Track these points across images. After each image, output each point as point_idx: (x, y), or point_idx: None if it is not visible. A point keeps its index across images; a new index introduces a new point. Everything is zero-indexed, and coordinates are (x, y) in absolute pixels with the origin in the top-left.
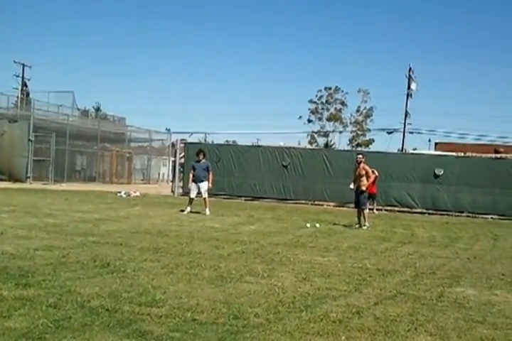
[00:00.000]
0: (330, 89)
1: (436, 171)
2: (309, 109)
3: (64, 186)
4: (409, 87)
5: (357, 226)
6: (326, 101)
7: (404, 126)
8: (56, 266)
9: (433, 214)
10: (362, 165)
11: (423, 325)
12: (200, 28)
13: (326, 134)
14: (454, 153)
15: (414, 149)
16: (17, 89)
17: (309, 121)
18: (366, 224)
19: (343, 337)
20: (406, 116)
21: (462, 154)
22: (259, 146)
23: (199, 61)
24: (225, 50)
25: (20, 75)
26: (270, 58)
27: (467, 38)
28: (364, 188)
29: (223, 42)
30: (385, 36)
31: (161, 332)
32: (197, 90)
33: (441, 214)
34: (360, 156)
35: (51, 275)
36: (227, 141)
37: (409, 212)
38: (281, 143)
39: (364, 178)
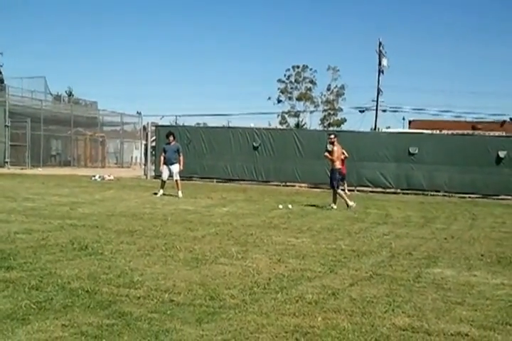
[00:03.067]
0: (298, 67)
1: (410, 149)
2: (278, 89)
3: (41, 170)
4: (380, 63)
5: (329, 206)
6: (295, 81)
7: (377, 104)
8: (36, 249)
9: (408, 193)
10: (335, 145)
11: (400, 306)
12: (168, 8)
13: (296, 114)
14: (428, 131)
15: (388, 127)
16: None
17: (279, 101)
18: (333, 205)
19: (319, 318)
20: (378, 93)
21: (437, 132)
22: (229, 128)
23: (168, 42)
24: (192, 30)
25: None
26: (238, 37)
27: (438, 11)
28: (335, 168)
29: (190, 23)
30: (352, 10)
31: (140, 313)
32: (167, 72)
33: (416, 194)
34: (332, 136)
35: (32, 258)
36: (198, 123)
37: (383, 192)
38: (252, 124)
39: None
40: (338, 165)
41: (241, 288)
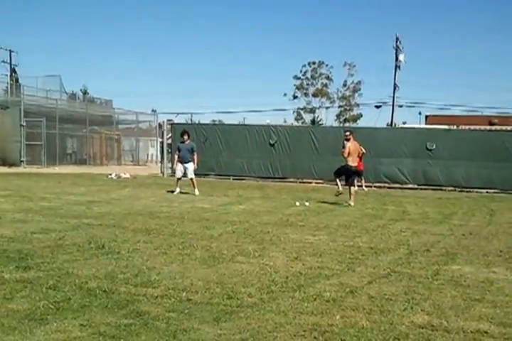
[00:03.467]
0: (314, 63)
1: (427, 145)
2: (294, 85)
3: (57, 169)
4: (397, 59)
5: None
6: (311, 77)
7: (393, 100)
8: (53, 249)
9: (425, 189)
10: (351, 141)
11: (419, 304)
12: (183, 5)
13: (312, 110)
14: (445, 126)
15: (404, 123)
16: (6, 75)
17: (295, 97)
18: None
19: (337, 317)
20: (395, 89)
21: (454, 127)
22: (245, 125)
23: (183, 40)
24: (208, 27)
25: (8, 61)
26: (254, 35)
27: (455, 5)
28: (349, 164)
29: (206, 20)
30: (369, 6)
31: (158, 313)
32: (182, 70)
33: (433, 190)
34: (348, 133)
35: (49, 258)
36: (213, 120)
37: (400, 188)
38: (268, 121)
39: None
40: (350, 161)
41: (258, 286)
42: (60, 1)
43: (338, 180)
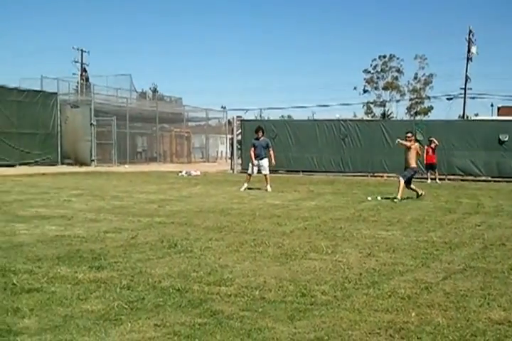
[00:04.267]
0: (384, 57)
1: (500, 137)
2: (364, 79)
3: (127, 168)
4: (469, 51)
5: (416, 198)
6: (382, 70)
7: (465, 92)
8: (126, 248)
9: (499, 181)
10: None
11: (496, 300)
12: (246, 4)
13: (382, 104)
14: None
15: (476, 115)
16: (76, 74)
17: (365, 91)
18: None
19: (413, 314)
20: (466, 81)
21: None
22: (315, 120)
23: (250, 36)
24: (275, 22)
25: (79, 61)
26: (322, 29)
27: None
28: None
29: (273, 15)
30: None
31: (232, 312)
32: (251, 66)
33: (507, 182)
34: (410, 135)
35: (122, 257)
36: (282, 116)
37: (473, 180)
38: (338, 116)
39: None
40: (414, 163)
41: (332, 283)
42: (130, 1)
43: (402, 184)
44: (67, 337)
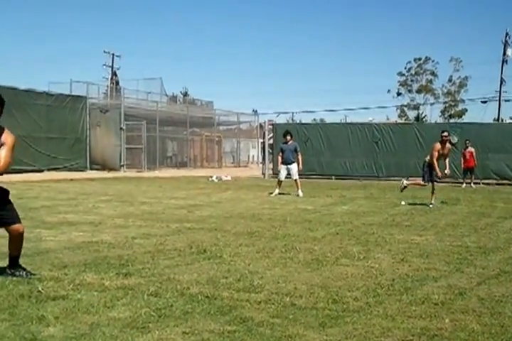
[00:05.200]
0: (419, 60)
1: None
2: (398, 82)
3: (157, 173)
4: (504, 53)
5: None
6: (416, 73)
7: (500, 95)
8: (154, 254)
9: None
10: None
11: None
12: (280, 7)
13: (416, 107)
14: None
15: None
16: (107, 78)
17: (398, 94)
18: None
19: (446, 320)
20: (501, 83)
21: None
22: (348, 124)
23: (283, 39)
24: (309, 26)
25: (110, 65)
26: (355, 32)
27: None
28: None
29: (306, 18)
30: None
31: (262, 319)
32: (283, 70)
33: None
34: (446, 134)
35: (150, 264)
36: (314, 119)
37: (509, 184)
38: (370, 119)
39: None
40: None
41: (364, 289)
42: (159, 4)
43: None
44: None
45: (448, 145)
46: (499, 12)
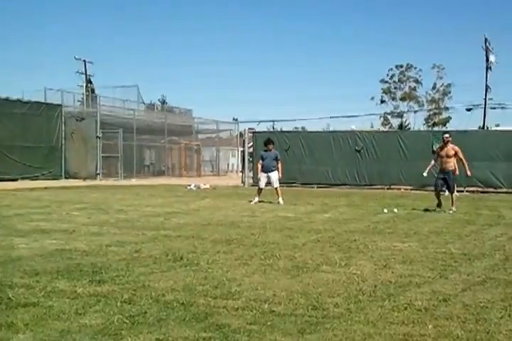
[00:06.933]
0: (402, 67)
1: None
2: (381, 89)
3: (134, 181)
4: (487, 60)
5: (438, 208)
6: (399, 80)
7: (485, 102)
8: (129, 262)
9: None
10: (451, 145)
11: None
12: (259, 13)
13: (399, 115)
14: None
15: (497, 125)
16: (81, 86)
17: (382, 101)
18: (453, 208)
19: (430, 326)
20: (486, 90)
21: None
22: (330, 132)
23: (261, 47)
24: (288, 31)
25: (83, 72)
26: (335, 39)
27: None
28: (452, 169)
29: (285, 23)
30: (456, 7)
31: (239, 325)
32: (262, 77)
33: None
34: (447, 136)
35: (124, 271)
36: (296, 127)
37: (494, 192)
38: (353, 127)
39: (452, 159)
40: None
41: (345, 296)
42: (132, 10)
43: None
44: None
45: (450, 146)
46: (480, 17)
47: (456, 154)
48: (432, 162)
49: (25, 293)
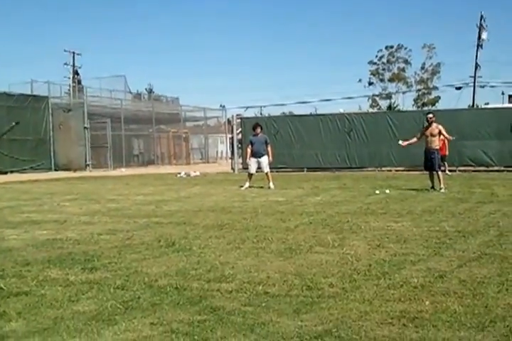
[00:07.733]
0: (391, 47)
1: None
2: (370, 71)
3: (124, 171)
4: (479, 37)
5: (431, 189)
6: (388, 61)
7: (475, 80)
8: (121, 249)
9: None
10: (434, 124)
11: None
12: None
13: (388, 96)
14: None
15: (487, 104)
16: (68, 78)
17: (370, 83)
18: (442, 186)
19: (427, 302)
20: (476, 69)
21: None
22: (318, 115)
23: (249, 31)
24: (273, 15)
25: (71, 64)
26: (323, 20)
27: None
28: (437, 148)
29: (270, 7)
30: None
31: (233, 307)
32: (249, 61)
33: None
34: (431, 115)
35: (117, 258)
36: (283, 112)
37: (485, 170)
38: (341, 110)
39: (436, 138)
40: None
41: (340, 276)
42: (122, 2)
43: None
44: (56, 338)
45: (434, 125)
46: None
47: (440, 132)
48: (414, 139)
49: (17, 283)
